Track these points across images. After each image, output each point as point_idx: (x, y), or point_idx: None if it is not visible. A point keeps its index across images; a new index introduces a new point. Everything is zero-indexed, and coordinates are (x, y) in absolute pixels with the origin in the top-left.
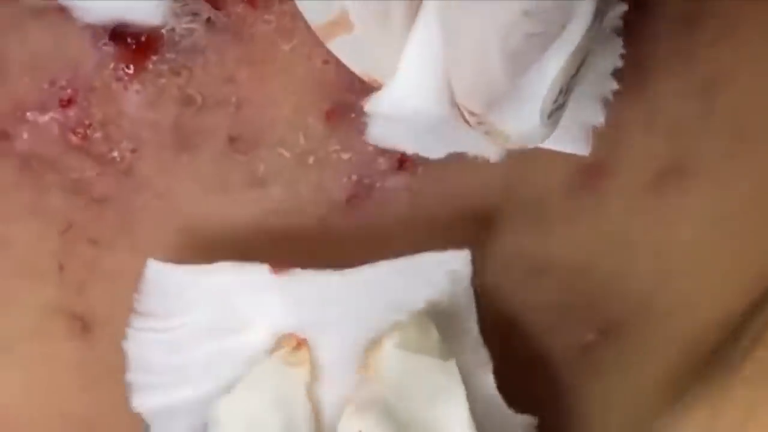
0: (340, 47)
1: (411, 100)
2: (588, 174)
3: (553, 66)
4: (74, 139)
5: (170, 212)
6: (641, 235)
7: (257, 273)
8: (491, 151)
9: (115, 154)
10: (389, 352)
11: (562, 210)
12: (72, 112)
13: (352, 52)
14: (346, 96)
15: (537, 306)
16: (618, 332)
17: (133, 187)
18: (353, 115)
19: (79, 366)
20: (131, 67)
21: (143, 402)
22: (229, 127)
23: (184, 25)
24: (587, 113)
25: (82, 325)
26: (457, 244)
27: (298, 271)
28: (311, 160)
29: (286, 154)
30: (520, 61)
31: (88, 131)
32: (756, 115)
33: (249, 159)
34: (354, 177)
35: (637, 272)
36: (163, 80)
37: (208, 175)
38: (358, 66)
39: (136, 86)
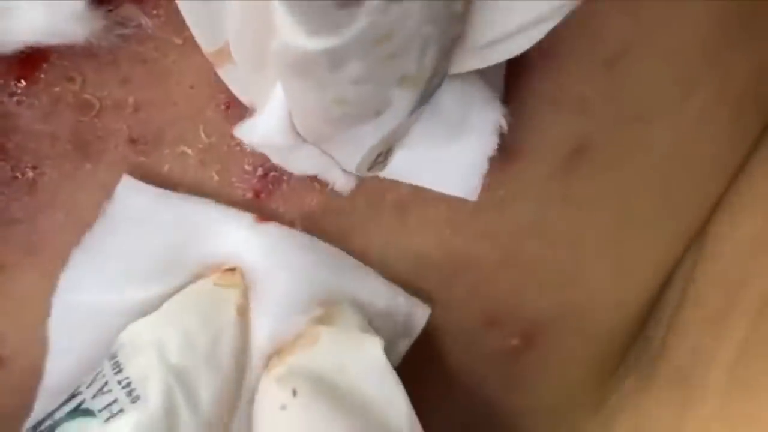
0: (226, 74)
1: (269, 135)
2: (498, 161)
3: (368, 140)
4: None
5: (77, 227)
6: (554, 224)
7: (238, 214)
8: (342, 180)
9: (16, 173)
10: (333, 329)
11: (472, 203)
12: None
13: (235, 81)
14: None
15: (459, 311)
16: (539, 335)
17: (37, 206)
18: None
19: None
20: (22, 80)
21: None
22: (129, 129)
23: (116, 35)
24: (472, 162)
25: None
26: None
27: (278, 224)
28: (214, 155)
29: (189, 151)
30: (338, 126)
31: None
32: (654, 91)
33: (152, 160)
34: (260, 170)
35: (553, 265)
36: (57, 89)
37: (112, 183)
38: (241, 95)
39: (30, 99)
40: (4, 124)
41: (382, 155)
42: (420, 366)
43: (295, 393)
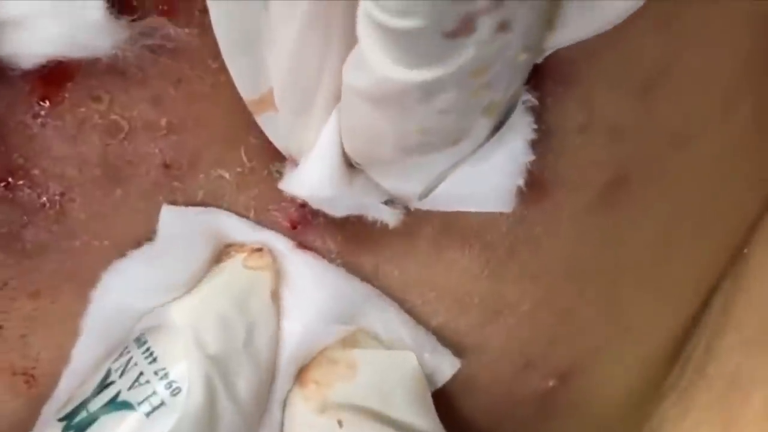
0: (265, 122)
1: (317, 187)
2: (530, 196)
3: (438, 167)
4: None
5: (111, 252)
6: (590, 260)
7: (278, 237)
8: (389, 217)
9: (44, 199)
10: (368, 352)
11: (507, 242)
12: None
13: (275, 128)
14: None
15: (495, 354)
16: (577, 373)
17: (68, 233)
18: None
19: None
20: (46, 100)
21: None
22: (161, 153)
23: (139, 47)
24: (506, 176)
25: (26, 380)
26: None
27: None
28: (253, 180)
29: (226, 175)
30: (409, 154)
31: (11, 179)
32: (693, 113)
33: (186, 185)
34: (300, 198)
35: (590, 303)
36: (82, 109)
37: (146, 208)
38: (279, 142)
39: (54, 120)
40: (29, 147)
41: (440, 181)
42: (455, 411)
43: (341, 424)
